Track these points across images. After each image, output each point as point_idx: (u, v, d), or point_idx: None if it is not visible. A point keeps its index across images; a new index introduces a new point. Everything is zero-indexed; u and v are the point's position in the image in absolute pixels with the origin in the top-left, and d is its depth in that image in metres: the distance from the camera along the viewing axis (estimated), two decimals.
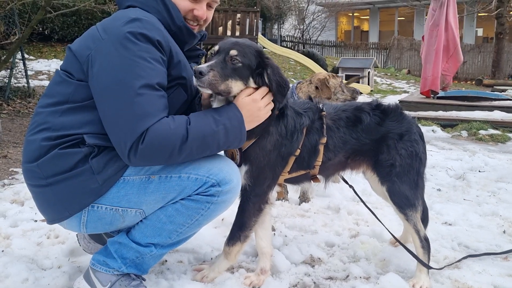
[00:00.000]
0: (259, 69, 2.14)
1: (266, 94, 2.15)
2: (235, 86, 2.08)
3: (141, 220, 2.12)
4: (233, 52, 2.08)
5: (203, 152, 2.01)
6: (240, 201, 2.36)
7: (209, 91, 2.06)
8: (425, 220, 2.70)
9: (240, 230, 2.37)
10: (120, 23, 1.97)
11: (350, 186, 2.71)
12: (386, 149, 2.43)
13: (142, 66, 1.91)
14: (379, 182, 2.48)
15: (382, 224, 2.65)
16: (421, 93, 10.09)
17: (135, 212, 2.06)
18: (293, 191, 3.94)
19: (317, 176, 2.49)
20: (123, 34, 1.93)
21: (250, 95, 2.11)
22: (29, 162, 2.02)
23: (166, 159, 1.92)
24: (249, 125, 2.10)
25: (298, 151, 2.33)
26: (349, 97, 3.84)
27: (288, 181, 2.51)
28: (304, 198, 3.82)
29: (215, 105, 2.17)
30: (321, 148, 2.37)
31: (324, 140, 2.36)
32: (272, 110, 2.20)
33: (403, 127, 2.46)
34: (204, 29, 2.43)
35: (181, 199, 2.06)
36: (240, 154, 2.23)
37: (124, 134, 1.86)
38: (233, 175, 2.11)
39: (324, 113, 2.40)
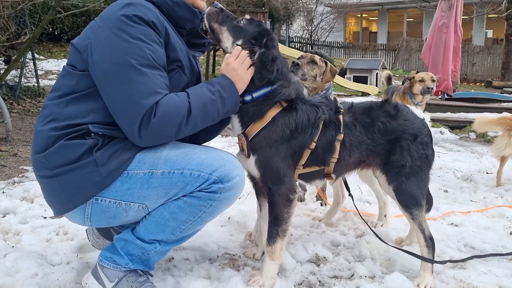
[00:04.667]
0: (256, 41, 2.27)
1: (245, 58, 2.24)
2: (225, 35, 2.29)
3: (145, 217, 2.14)
4: (246, 16, 2.34)
5: (206, 122, 2.11)
6: (268, 198, 2.35)
7: (206, 22, 2.28)
8: (429, 205, 2.77)
9: (276, 225, 2.34)
10: (115, 9, 2.03)
11: (350, 195, 2.77)
12: (399, 150, 2.44)
13: (141, 46, 1.96)
14: (386, 181, 2.50)
15: (374, 232, 2.67)
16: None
17: (138, 207, 2.09)
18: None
19: (331, 174, 2.48)
20: (118, 18, 1.99)
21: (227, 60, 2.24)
22: (37, 153, 2.06)
23: (175, 133, 2.00)
24: (238, 86, 2.22)
25: (314, 144, 2.32)
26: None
27: (301, 177, 2.49)
28: (321, 198, 3.82)
29: None
30: (338, 144, 2.37)
31: (341, 137, 2.36)
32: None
33: (416, 128, 2.47)
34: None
35: (184, 196, 2.08)
36: (247, 143, 2.27)
37: (132, 112, 1.91)
38: (236, 172, 2.13)
39: (341, 109, 2.41)
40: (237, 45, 2.27)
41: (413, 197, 2.45)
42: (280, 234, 2.35)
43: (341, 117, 2.39)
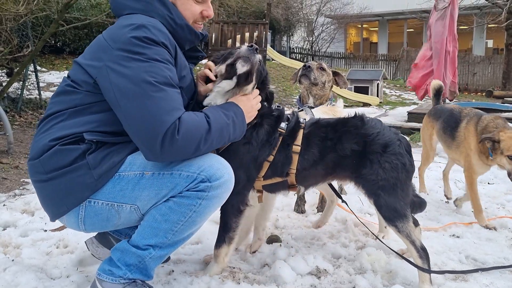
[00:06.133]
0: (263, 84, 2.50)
1: (257, 96, 2.45)
2: (253, 82, 2.38)
3: (140, 224, 2.18)
4: (260, 58, 2.40)
5: (219, 143, 2.19)
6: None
7: (245, 67, 2.28)
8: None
9: (224, 231, 2.53)
10: (127, 30, 2.06)
11: (343, 201, 2.79)
12: (369, 162, 2.45)
13: (158, 66, 2.02)
14: (366, 195, 2.51)
15: (377, 237, 2.66)
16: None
17: (130, 208, 2.12)
18: (307, 205, 3.94)
19: (295, 185, 2.56)
20: (131, 40, 2.02)
21: (244, 95, 2.38)
22: (33, 159, 2.12)
23: (194, 150, 2.05)
24: (247, 120, 2.35)
25: (272, 157, 2.44)
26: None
27: (265, 188, 2.59)
28: (321, 208, 3.80)
29: (208, 99, 2.39)
30: (295, 157, 2.46)
31: (297, 149, 2.45)
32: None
33: (386, 138, 2.47)
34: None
35: (173, 197, 2.12)
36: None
37: (154, 128, 1.95)
38: (223, 171, 2.17)
39: (302, 124, 2.52)
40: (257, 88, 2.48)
41: (394, 209, 2.42)
42: (226, 241, 2.52)
43: (300, 130, 2.49)
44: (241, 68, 2.30)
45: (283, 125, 2.50)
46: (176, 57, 2.20)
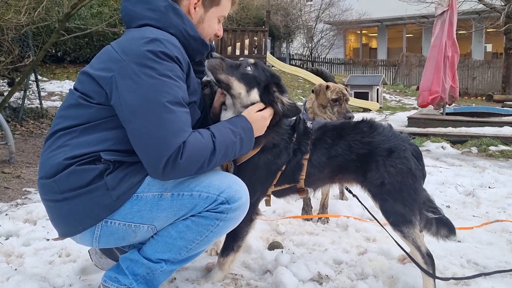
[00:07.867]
0: (270, 91, 2.35)
1: (272, 113, 2.37)
2: (235, 84, 2.29)
3: (152, 237, 2.17)
4: (250, 61, 2.36)
5: (224, 161, 2.17)
6: None
7: (209, 75, 2.27)
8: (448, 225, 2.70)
9: (233, 241, 2.52)
10: (140, 43, 2.01)
11: (354, 196, 2.77)
12: (374, 166, 2.46)
13: (168, 84, 1.98)
14: (373, 199, 2.52)
15: (389, 234, 2.66)
16: (421, 106, 9.99)
17: (147, 228, 2.11)
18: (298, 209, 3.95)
19: (304, 188, 2.58)
20: (145, 54, 1.98)
21: (259, 111, 2.31)
22: (46, 178, 2.06)
23: (196, 171, 2.02)
24: (257, 133, 2.31)
25: (284, 166, 2.47)
26: (335, 117, 3.78)
27: (275, 193, 2.63)
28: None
29: (224, 114, 2.38)
30: (305, 163, 2.48)
31: (307, 156, 2.48)
32: (274, 129, 2.41)
33: (392, 143, 2.48)
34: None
35: (191, 216, 2.12)
36: (234, 168, 2.38)
37: (159, 150, 1.92)
38: (241, 192, 2.18)
39: (310, 130, 2.54)
40: (260, 98, 2.34)
41: (400, 214, 2.42)
42: (235, 249, 2.54)
43: (309, 136, 2.51)
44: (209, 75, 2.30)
45: (295, 134, 2.52)
46: (189, 71, 2.18)
